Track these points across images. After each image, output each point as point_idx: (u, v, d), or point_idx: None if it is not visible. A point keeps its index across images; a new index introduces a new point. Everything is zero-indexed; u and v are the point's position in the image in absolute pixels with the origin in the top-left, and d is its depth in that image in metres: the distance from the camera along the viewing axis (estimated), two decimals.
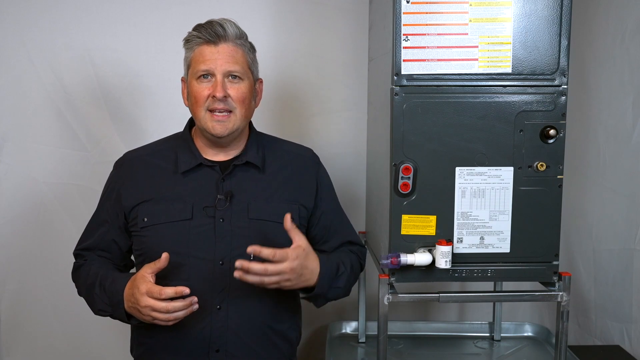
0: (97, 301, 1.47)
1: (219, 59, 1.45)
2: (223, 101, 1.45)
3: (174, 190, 1.50)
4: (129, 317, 1.43)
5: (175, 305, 1.33)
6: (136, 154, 1.60)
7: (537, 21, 1.38)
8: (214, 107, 1.45)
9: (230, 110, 1.47)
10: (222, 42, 1.47)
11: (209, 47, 1.46)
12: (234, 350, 1.49)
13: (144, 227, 1.49)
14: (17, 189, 2.12)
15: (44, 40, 2.06)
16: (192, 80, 1.48)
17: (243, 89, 1.48)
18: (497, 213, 1.43)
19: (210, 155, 1.54)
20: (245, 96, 1.48)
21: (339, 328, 2.09)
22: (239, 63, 1.48)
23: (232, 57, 1.47)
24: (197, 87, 1.47)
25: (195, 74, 1.47)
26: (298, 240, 1.41)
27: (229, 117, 1.47)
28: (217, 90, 1.44)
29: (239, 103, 1.47)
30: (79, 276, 1.55)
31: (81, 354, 2.22)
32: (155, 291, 1.32)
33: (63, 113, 2.10)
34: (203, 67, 1.45)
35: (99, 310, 1.48)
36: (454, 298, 1.57)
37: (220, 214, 1.48)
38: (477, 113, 1.40)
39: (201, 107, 1.46)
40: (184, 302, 1.33)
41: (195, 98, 1.47)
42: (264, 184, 1.54)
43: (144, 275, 1.35)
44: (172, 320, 1.35)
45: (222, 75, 1.46)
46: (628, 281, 2.01)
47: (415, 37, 1.38)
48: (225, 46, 1.47)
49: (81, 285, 1.54)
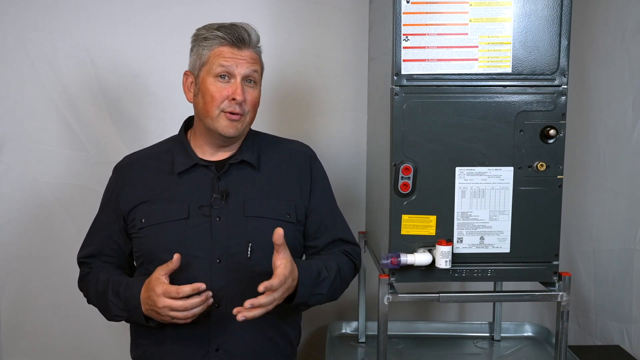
0: (112, 308, 1.47)
1: (242, 62, 1.47)
2: (239, 104, 1.46)
3: (171, 191, 1.52)
4: (147, 319, 1.43)
5: (193, 302, 1.35)
6: (133, 157, 1.61)
7: (537, 21, 1.38)
8: (231, 109, 1.46)
9: (243, 114, 1.49)
10: (245, 47, 1.48)
11: (232, 50, 1.47)
12: (234, 349, 1.49)
13: (142, 228, 1.50)
14: (17, 189, 2.12)
15: (44, 40, 2.06)
16: (207, 78, 1.47)
17: (256, 94, 1.51)
18: (497, 213, 1.43)
19: (207, 155, 1.55)
20: (257, 101, 1.52)
21: (339, 328, 2.09)
22: (257, 69, 1.50)
23: (252, 62, 1.49)
24: (215, 86, 1.46)
25: (213, 72, 1.46)
26: (283, 255, 1.37)
27: (240, 119, 1.48)
28: (237, 93, 1.45)
29: (251, 107, 1.50)
30: (87, 285, 1.56)
31: (81, 354, 2.22)
32: (172, 291, 1.34)
33: (63, 113, 2.10)
34: (224, 64, 1.45)
35: (114, 316, 1.49)
36: (454, 298, 1.57)
37: (216, 213, 1.49)
38: (477, 113, 1.40)
39: (216, 107, 1.46)
40: (200, 298, 1.35)
41: (212, 97, 1.46)
42: (259, 182, 1.54)
43: (158, 277, 1.37)
44: (190, 317, 1.37)
45: (242, 78, 1.47)
46: (628, 281, 2.01)
47: (415, 37, 1.38)
48: (248, 51, 1.49)
49: (91, 293, 1.55)
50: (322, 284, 1.49)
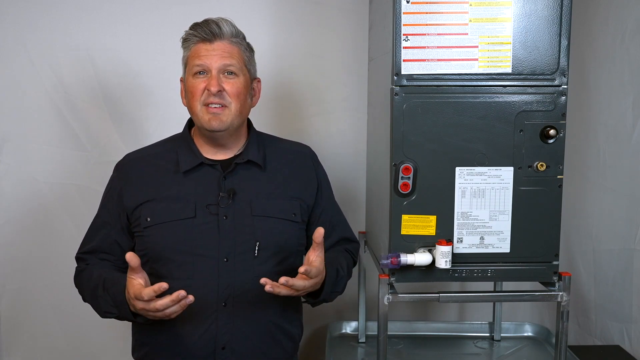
0: (102, 304, 1.47)
1: (214, 56, 1.47)
2: (218, 95, 1.46)
3: (176, 190, 1.51)
4: (135, 315, 1.42)
5: (163, 303, 1.31)
6: (136, 155, 1.61)
7: (537, 21, 1.38)
8: (209, 101, 1.46)
9: (226, 105, 1.48)
10: (218, 40, 1.49)
11: (205, 45, 1.48)
12: (240, 348, 1.49)
13: (147, 226, 1.50)
14: (17, 189, 2.12)
15: (44, 40, 2.06)
16: (188, 77, 1.50)
17: (238, 84, 1.49)
18: (497, 213, 1.43)
19: (211, 155, 1.55)
20: (240, 91, 1.49)
21: (339, 328, 2.09)
22: (235, 58, 1.49)
23: (227, 53, 1.48)
24: (193, 82, 1.48)
25: (190, 70, 1.49)
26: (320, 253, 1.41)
27: (224, 111, 1.48)
28: (211, 84, 1.46)
29: (234, 98, 1.48)
30: (82, 281, 1.55)
31: (81, 354, 2.22)
32: (138, 294, 1.32)
33: (63, 113, 2.10)
34: (198, 63, 1.47)
35: (105, 313, 1.48)
36: (454, 298, 1.57)
37: (223, 212, 1.49)
38: (477, 113, 1.40)
39: (197, 101, 1.48)
40: (170, 298, 1.31)
41: (191, 93, 1.48)
42: (265, 182, 1.56)
43: (129, 280, 1.35)
44: (169, 315, 1.34)
45: (217, 71, 1.47)
46: (628, 281, 2.01)
47: (415, 37, 1.38)
48: (221, 44, 1.49)
49: (85, 290, 1.54)
50: (339, 282, 1.57)
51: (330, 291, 1.52)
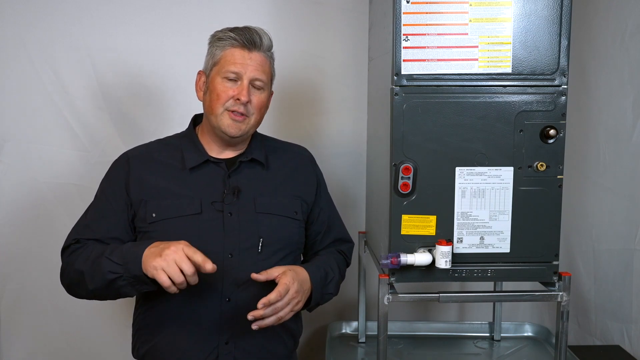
0: (104, 265, 1.39)
1: (250, 65, 1.51)
2: (244, 105, 1.50)
3: (182, 186, 1.53)
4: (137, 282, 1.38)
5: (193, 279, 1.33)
6: (141, 150, 1.61)
7: (537, 21, 1.38)
8: (234, 108, 1.50)
9: (247, 116, 1.52)
10: (256, 50, 1.52)
11: (242, 52, 1.51)
12: (243, 343, 1.51)
13: (153, 222, 1.50)
14: (17, 189, 2.12)
15: (44, 40, 2.06)
16: (216, 77, 1.52)
17: (263, 98, 1.55)
18: (497, 213, 1.43)
19: (216, 153, 1.59)
20: (263, 105, 1.55)
21: (339, 328, 2.09)
22: (266, 73, 1.54)
23: (261, 67, 1.53)
24: (222, 85, 1.51)
25: (222, 72, 1.51)
26: (276, 269, 1.45)
27: (244, 120, 1.52)
28: (242, 94, 1.49)
29: (256, 110, 1.53)
30: (77, 256, 1.47)
31: (81, 354, 2.22)
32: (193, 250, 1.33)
33: (63, 113, 2.10)
34: (233, 69, 1.50)
35: (105, 274, 1.39)
36: (454, 298, 1.57)
37: (228, 209, 1.52)
38: (477, 113, 1.40)
39: (221, 105, 1.50)
40: (213, 266, 1.33)
41: (218, 95, 1.50)
42: (268, 180, 1.60)
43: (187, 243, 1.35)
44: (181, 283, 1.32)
45: (248, 81, 1.50)
46: (628, 281, 2.01)
47: (415, 37, 1.38)
48: (258, 55, 1.53)
49: (80, 261, 1.45)
50: (330, 283, 1.60)
51: (320, 293, 1.55)
